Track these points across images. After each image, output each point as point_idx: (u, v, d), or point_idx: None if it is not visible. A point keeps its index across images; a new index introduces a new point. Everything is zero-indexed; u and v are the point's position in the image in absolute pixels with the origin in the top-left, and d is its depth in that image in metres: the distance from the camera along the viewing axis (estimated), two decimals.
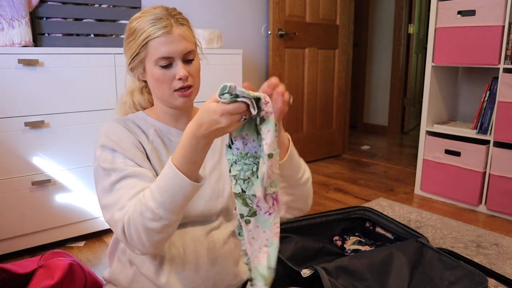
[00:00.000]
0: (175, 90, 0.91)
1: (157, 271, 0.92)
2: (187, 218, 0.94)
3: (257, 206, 0.75)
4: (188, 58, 0.92)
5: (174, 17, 0.91)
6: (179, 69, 0.90)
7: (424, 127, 2.60)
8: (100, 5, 1.99)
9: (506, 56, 2.18)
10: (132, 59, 0.93)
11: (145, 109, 1.05)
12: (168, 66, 0.90)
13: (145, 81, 1.00)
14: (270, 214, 0.75)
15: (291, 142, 0.91)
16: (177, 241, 0.93)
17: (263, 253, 0.76)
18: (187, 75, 0.90)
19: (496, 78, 2.33)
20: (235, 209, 0.77)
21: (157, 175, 0.92)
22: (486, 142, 2.32)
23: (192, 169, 0.76)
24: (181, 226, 0.94)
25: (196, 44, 0.97)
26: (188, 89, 0.92)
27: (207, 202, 0.96)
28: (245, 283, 1.04)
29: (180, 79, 0.90)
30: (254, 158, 0.74)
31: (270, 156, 0.70)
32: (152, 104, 1.04)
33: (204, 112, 0.72)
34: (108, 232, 2.02)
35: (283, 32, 3.06)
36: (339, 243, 1.79)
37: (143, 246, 0.80)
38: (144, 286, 0.94)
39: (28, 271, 1.12)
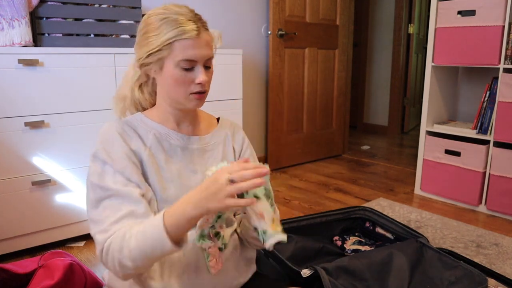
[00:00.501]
0: (191, 93, 0.91)
1: (157, 275, 0.91)
2: None
3: None
4: (208, 65, 0.92)
5: (200, 21, 0.90)
6: (201, 74, 0.90)
7: (424, 127, 2.60)
8: (100, 5, 1.99)
9: (506, 56, 2.18)
10: (149, 55, 0.90)
11: (144, 109, 1.02)
12: (189, 69, 0.89)
13: (147, 77, 0.97)
14: None
15: None
16: None
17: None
18: (206, 80, 0.91)
19: (496, 78, 2.33)
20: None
21: (150, 184, 0.91)
22: (486, 142, 2.32)
23: (178, 233, 0.79)
24: None
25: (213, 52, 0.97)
26: (203, 93, 0.92)
27: None
28: (244, 286, 1.03)
29: (199, 83, 0.90)
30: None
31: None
32: (153, 105, 1.02)
33: (211, 181, 0.76)
34: None
35: (283, 32, 3.06)
36: (339, 243, 1.79)
37: (115, 273, 0.84)
38: None
39: (28, 271, 1.12)
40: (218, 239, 0.89)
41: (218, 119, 1.10)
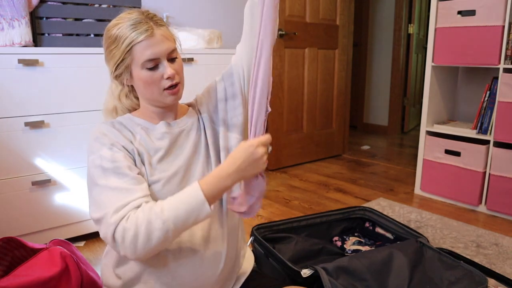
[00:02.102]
0: (165, 89, 0.94)
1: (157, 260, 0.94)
2: None
3: None
4: (172, 57, 0.95)
5: (152, 19, 0.93)
6: (167, 68, 0.93)
7: (424, 127, 2.60)
8: (100, 5, 1.99)
9: (506, 56, 2.18)
10: (117, 66, 0.94)
11: (131, 111, 1.06)
12: (154, 67, 0.92)
13: (131, 86, 1.02)
14: None
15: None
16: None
17: None
18: (174, 73, 0.94)
19: (496, 78, 2.33)
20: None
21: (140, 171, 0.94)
22: (486, 142, 2.32)
23: (210, 202, 0.85)
24: None
25: (175, 42, 0.99)
26: (175, 86, 0.95)
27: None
28: (244, 285, 1.04)
29: (168, 78, 0.93)
30: None
31: None
32: (138, 107, 1.06)
33: (240, 149, 0.86)
34: None
35: (283, 32, 3.06)
36: (339, 243, 1.79)
37: (131, 252, 0.82)
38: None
39: (36, 248, 1.17)
40: None
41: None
